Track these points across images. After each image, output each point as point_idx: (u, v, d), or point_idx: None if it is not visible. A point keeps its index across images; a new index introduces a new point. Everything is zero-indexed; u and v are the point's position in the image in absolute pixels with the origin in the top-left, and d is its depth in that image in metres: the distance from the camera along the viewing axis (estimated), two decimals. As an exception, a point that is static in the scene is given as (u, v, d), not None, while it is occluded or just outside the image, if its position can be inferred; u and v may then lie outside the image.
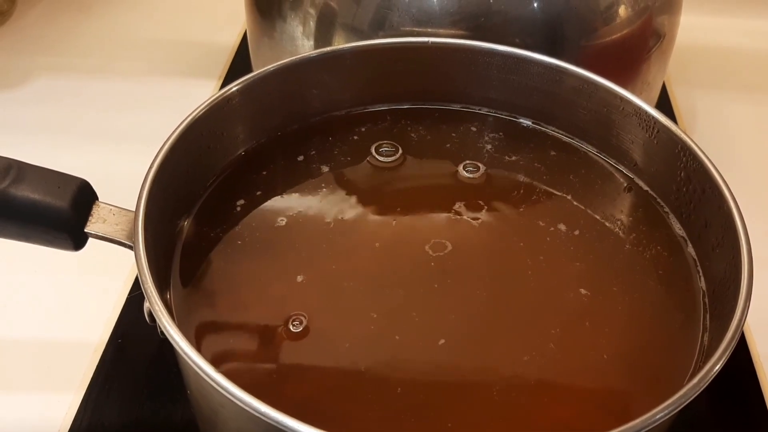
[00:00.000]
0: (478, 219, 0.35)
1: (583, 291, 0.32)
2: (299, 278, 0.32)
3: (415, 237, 0.34)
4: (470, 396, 0.29)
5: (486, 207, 0.36)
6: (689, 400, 0.24)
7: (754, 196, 0.53)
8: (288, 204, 0.36)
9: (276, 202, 0.36)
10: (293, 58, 0.37)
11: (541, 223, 0.35)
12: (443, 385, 0.29)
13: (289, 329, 0.30)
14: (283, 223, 0.35)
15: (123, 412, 0.39)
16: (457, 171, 0.37)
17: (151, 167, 0.31)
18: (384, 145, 0.38)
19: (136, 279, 0.44)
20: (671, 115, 0.60)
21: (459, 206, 0.35)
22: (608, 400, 0.29)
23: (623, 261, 0.34)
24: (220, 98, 0.35)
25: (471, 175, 0.37)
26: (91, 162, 0.48)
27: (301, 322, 0.30)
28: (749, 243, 0.29)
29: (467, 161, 0.38)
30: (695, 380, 0.24)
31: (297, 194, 0.36)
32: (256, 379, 0.29)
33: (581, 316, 0.31)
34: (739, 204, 0.31)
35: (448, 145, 0.39)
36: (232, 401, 0.24)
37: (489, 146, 0.39)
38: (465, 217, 0.35)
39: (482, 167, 0.37)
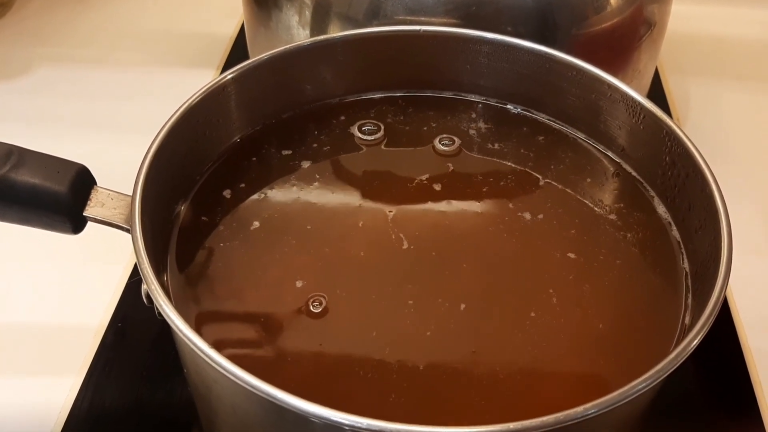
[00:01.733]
0: (459, 201, 0.36)
1: (570, 267, 0.33)
2: (296, 263, 0.33)
3: (403, 217, 0.35)
4: (466, 379, 0.29)
5: (469, 191, 0.36)
6: (668, 373, 0.25)
7: (747, 183, 0.54)
8: (283, 189, 0.36)
9: (271, 188, 0.36)
10: (287, 46, 0.37)
11: (528, 207, 0.36)
12: (445, 366, 0.30)
13: (310, 309, 0.31)
14: (279, 208, 0.35)
15: (123, 394, 0.40)
16: (434, 145, 0.38)
17: (147, 152, 0.32)
18: (366, 124, 0.39)
19: (136, 265, 0.45)
20: (664, 104, 0.60)
21: (444, 186, 0.36)
22: (593, 379, 0.30)
23: (610, 243, 0.34)
24: (215, 86, 0.35)
25: (446, 148, 0.38)
26: (91, 151, 0.48)
27: (320, 303, 0.31)
28: (729, 223, 0.29)
29: (443, 135, 0.39)
30: (673, 354, 0.25)
31: (291, 180, 0.37)
32: (255, 360, 0.30)
33: (568, 297, 0.32)
34: (732, 191, 0.31)
35: (439, 129, 0.40)
36: (225, 375, 0.24)
37: (475, 132, 0.40)
38: (449, 197, 0.36)
39: (457, 141, 0.38)
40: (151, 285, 0.27)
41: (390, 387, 0.29)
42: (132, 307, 0.44)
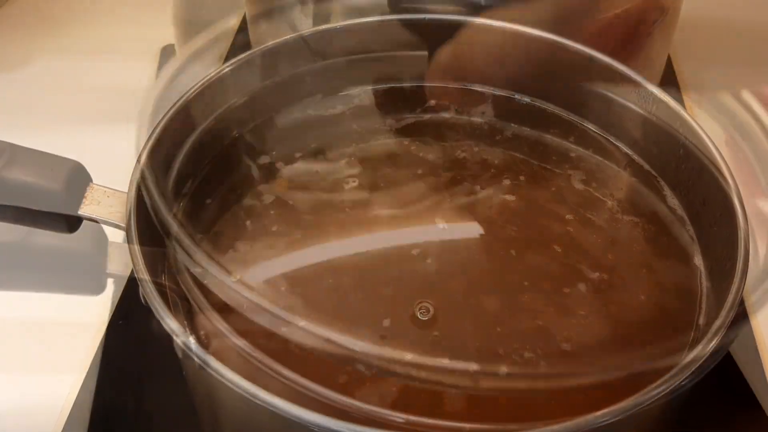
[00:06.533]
0: (468, 194, 0.35)
1: (581, 270, 0.32)
2: (303, 258, 0.32)
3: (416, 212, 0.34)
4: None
5: (479, 185, 0.35)
6: (682, 380, 0.24)
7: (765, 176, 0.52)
8: (283, 182, 0.35)
9: (272, 183, 0.36)
10: (286, 37, 0.37)
11: (539, 201, 0.35)
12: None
13: (416, 317, 0.30)
14: (281, 203, 0.35)
15: (124, 392, 0.39)
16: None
17: (144, 147, 0.31)
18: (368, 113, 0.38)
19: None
20: (677, 92, 0.59)
21: (453, 177, 0.36)
22: (603, 384, 0.29)
23: (622, 240, 0.33)
24: (212, 79, 0.34)
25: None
26: (91, 144, 0.48)
27: (428, 311, 0.30)
28: (747, 219, 0.28)
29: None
30: (688, 359, 0.24)
31: (293, 174, 0.36)
32: (253, 364, 0.29)
33: (579, 297, 0.31)
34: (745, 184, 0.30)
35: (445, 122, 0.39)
36: (224, 383, 0.24)
37: (483, 123, 0.39)
38: (460, 188, 0.35)
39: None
40: (146, 288, 0.26)
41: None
42: (133, 305, 0.43)
